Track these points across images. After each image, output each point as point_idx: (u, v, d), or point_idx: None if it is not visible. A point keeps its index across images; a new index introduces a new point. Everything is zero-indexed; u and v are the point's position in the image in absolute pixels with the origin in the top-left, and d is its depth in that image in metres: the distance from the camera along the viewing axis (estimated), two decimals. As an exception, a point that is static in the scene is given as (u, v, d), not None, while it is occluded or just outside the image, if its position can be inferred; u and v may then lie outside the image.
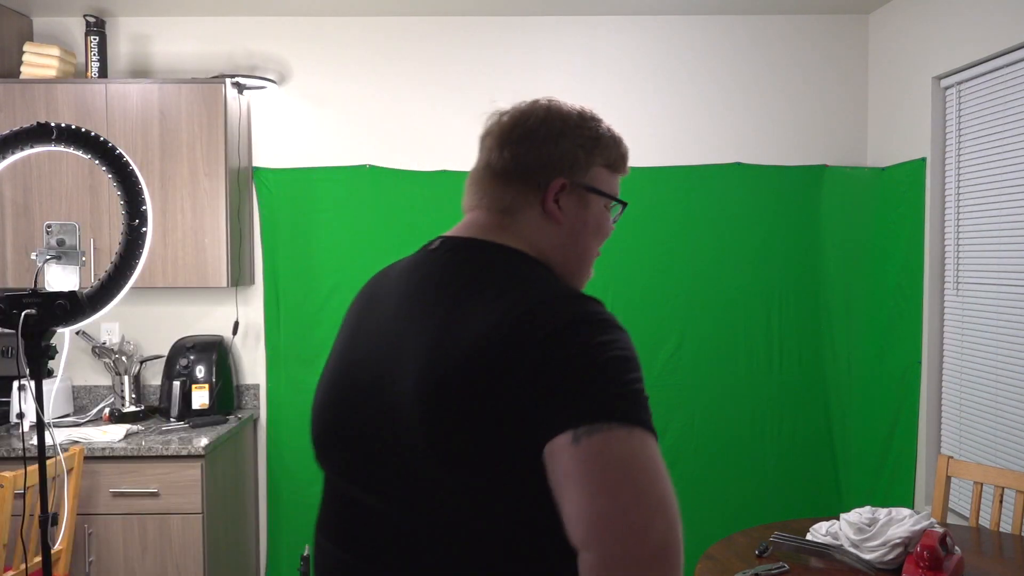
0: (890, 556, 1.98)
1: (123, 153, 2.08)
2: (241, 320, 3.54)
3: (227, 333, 3.52)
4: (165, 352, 3.45)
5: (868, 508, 2.12)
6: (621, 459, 0.90)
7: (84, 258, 2.17)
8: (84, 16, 3.33)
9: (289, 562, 3.45)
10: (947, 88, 3.09)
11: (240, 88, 3.39)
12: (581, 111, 1.16)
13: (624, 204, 1.19)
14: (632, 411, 0.93)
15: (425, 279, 1.09)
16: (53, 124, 2.00)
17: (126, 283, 2.10)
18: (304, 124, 3.55)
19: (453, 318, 1.01)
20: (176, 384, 3.29)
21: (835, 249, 3.50)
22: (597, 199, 1.15)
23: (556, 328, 0.96)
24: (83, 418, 3.33)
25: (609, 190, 1.16)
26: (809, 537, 2.17)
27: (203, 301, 3.56)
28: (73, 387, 3.53)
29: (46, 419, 2.10)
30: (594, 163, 1.14)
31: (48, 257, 2.12)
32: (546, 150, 1.11)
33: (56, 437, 2.88)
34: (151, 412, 3.42)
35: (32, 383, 2.01)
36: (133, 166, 2.09)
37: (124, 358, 3.41)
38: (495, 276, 1.05)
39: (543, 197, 1.12)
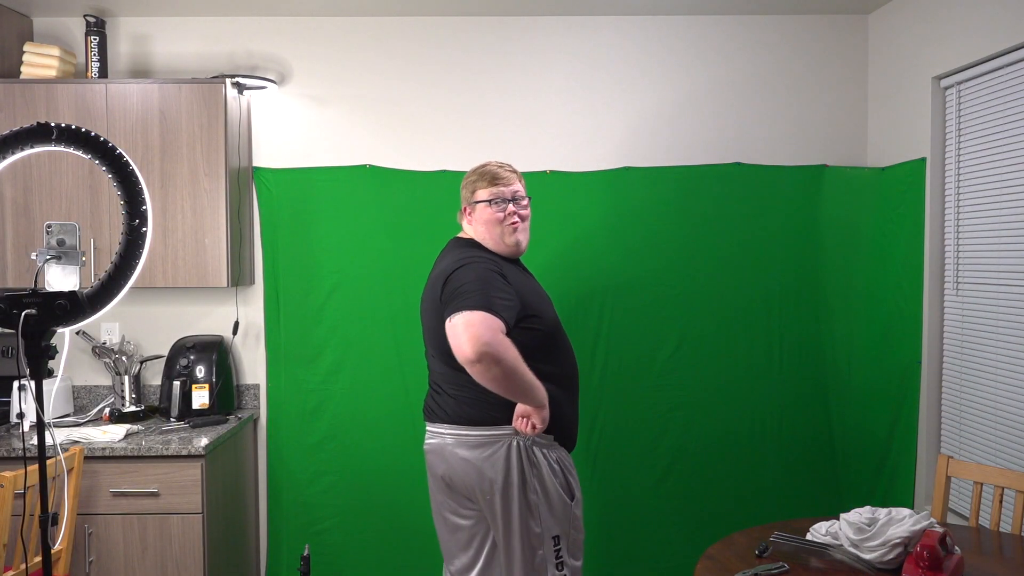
0: (890, 556, 1.98)
1: (123, 153, 2.08)
2: (241, 320, 3.54)
3: (227, 333, 3.52)
4: (165, 352, 3.46)
5: (868, 508, 2.12)
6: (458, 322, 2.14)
7: (84, 258, 2.17)
8: (84, 16, 3.33)
9: (289, 562, 3.45)
10: (947, 88, 3.09)
11: (240, 88, 3.39)
12: (469, 171, 2.53)
13: (487, 201, 2.42)
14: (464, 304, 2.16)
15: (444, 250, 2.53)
16: (53, 124, 2.00)
17: (126, 283, 2.09)
18: (304, 124, 3.55)
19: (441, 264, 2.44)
20: (176, 384, 3.29)
21: (835, 249, 3.49)
22: (482, 204, 2.43)
23: (452, 270, 2.30)
24: (83, 418, 3.33)
25: (488, 196, 2.41)
26: (809, 537, 2.17)
27: (203, 301, 3.56)
28: (73, 387, 3.53)
29: (46, 419, 2.10)
30: (476, 190, 2.44)
31: (48, 257, 2.11)
32: (461, 196, 2.54)
33: (56, 437, 2.89)
34: (151, 412, 3.43)
35: (32, 383, 2.01)
36: (133, 166, 2.09)
37: (124, 358, 3.41)
38: (452, 248, 2.48)
39: (467, 215, 2.51)
